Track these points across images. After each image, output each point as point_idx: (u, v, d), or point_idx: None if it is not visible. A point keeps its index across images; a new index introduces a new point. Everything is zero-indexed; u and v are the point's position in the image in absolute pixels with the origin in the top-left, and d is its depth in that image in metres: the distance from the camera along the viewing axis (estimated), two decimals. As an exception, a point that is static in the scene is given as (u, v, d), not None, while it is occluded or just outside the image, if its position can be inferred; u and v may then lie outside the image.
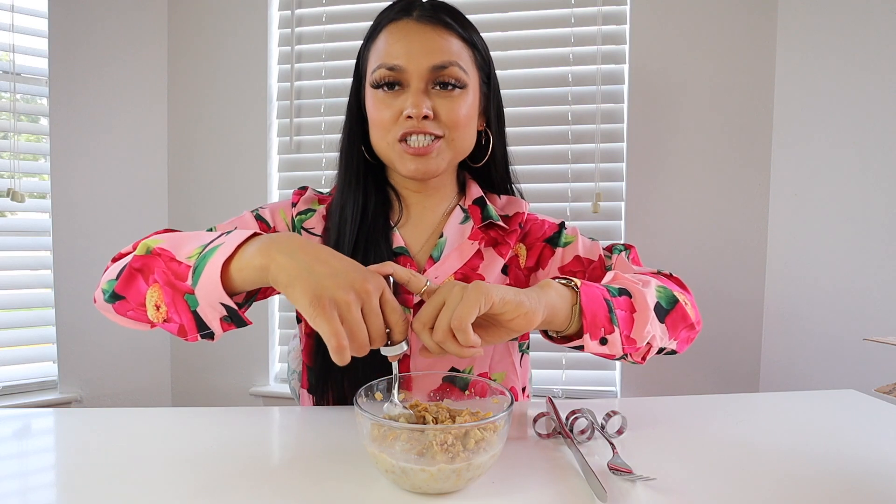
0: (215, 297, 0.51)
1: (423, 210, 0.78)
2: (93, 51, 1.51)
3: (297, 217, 0.77)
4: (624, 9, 1.45)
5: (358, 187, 0.74)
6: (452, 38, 0.69)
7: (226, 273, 0.51)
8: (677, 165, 1.45)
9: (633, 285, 0.63)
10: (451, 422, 0.50)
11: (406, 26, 0.68)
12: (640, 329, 0.59)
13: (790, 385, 1.41)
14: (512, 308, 0.51)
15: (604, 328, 0.56)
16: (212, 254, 0.52)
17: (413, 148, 0.68)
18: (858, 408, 0.67)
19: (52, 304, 1.49)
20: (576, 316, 0.56)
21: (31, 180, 1.51)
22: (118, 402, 1.56)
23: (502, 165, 0.81)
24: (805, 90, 1.38)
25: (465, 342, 0.48)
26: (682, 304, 0.65)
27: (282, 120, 1.61)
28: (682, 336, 0.67)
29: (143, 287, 0.57)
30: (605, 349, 0.57)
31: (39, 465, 0.54)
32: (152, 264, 0.56)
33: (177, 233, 0.61)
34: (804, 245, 1.40)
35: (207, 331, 0.54)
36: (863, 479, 0.47)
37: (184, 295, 0.53)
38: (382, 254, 0.71)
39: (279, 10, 1.59)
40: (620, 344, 0.58)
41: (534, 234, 0.80)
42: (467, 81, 0.70)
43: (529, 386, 0.88)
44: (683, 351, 0.70)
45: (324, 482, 0.47)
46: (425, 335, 0.50)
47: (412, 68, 0.67)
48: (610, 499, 0.43)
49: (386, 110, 0.69)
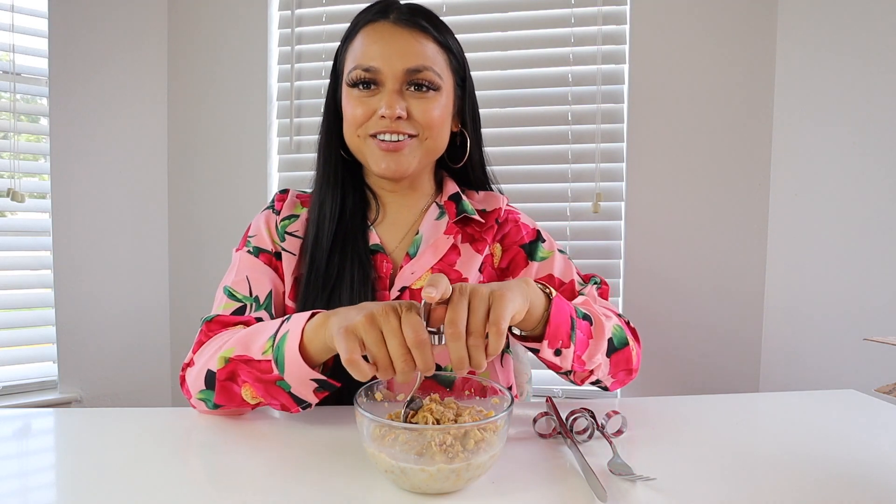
0: (304, 376, 0.56)
1: (400, 208, 0.80)
2: (93, 51, 1.51)
3: (282, 223, 0.78)
4: (624, 9, 1.45)
5: (336, 185, 0.76)
6: (428, 42, 0.71)
7: (304, 355, 0.55)
8: (677, 165, 1.45)
9: (597, 315, 0.66)
10: (454, 422, 0.50)
11: (382, 28, 0.70)
12: (592, 355, 0.63)
13: (790, 385, 1.41)
14: (520, 312, 0.52)
15: (562, 341, 0.58)
16: (284, 342, 0.56)
17: (385, 143, 0.70)
18: (858, 408, 0.67)
19: (52, 304, 1.49)
20: (542, 322, 0.58)
21: (31, 180, 1.51)
22: (118, 402, 1.56)
23: (479, 166, 0.83)
24: (805, 90, 1.38)
25: (496, 349, 0.47)
26: (629, 349, 0.68)
27: (282, 120, 1.61)
28: (620, 377, 0.70)
29: (236, 389, 0.61)
30: (556, 360, 0.59)
31: (39, 465, 0.54)
32: (236, 370, 0.60)
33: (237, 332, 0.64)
34: (804, 245, 1.40)
35: (305, 403, 0.59)
36: (863, 479, 0.47)
37: (275, 382, 0.57)
38: (360, 251, 0.73)
39: (279, 10, 1.59)
40: (571, 360, 0.60)
41: (511, 236, 0.80)
42: (441, 84, 0.71)
43: (516, 388, 0.89)
44: (613, 391, 0.73)
45: (324, 482, 0.47)
46: (458, 343, 0.46)
47: (387, 70, 0.68)
48: (610, 499, 0.43)
49: (360, 107, 0.70)
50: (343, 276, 0.71)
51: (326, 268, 0.72)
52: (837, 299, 1.36)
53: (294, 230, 0.78)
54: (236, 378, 0.60)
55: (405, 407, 0.49)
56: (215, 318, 0.69)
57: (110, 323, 1.56)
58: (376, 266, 0.74)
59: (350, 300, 0.70)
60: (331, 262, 0.72)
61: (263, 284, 0.73)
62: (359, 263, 0.72)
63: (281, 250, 0.76)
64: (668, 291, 1.46)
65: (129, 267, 1.59)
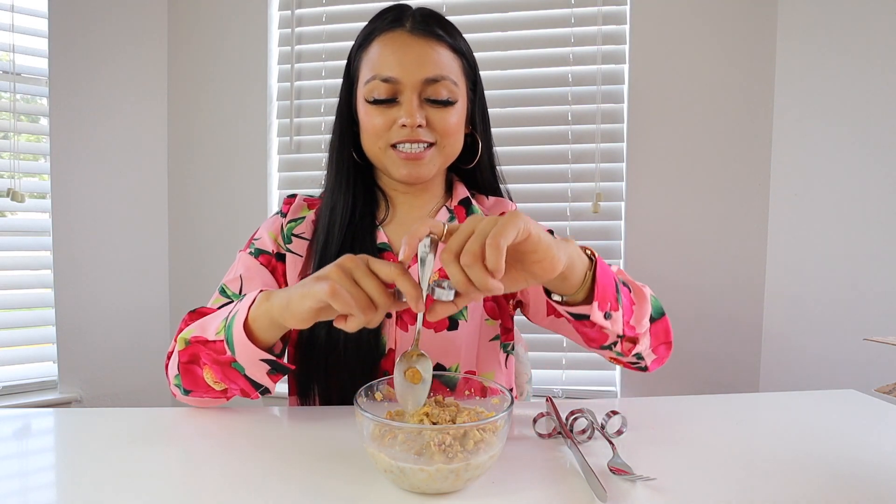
0: (254, 356, 0.57)
1: (410, 209, 0.80)
2: (93, 51, 1.51)
3: (288, 225, 0.79)
4: (624, 9, 1.45)
5: (348, 190, 0.77)
6: (443, 50, 0.72)
7: (250, 333, 0.57)
8: (677, 165, 1.45)
9: (634, 283, 0.65)
10: (452, 422, 0.50)
11: (400, 38, 0.71)
12: (639, 319, 0.61)
13: (790, 385, 1.41)
14: (543, 248, 0.49)
15: (610, 304, 0.57)
16: (233, 323, 0.58)
17: (405, 153, 0.71)
18: (858, 408, 0.67)
19: (52, 304, 1.49)
20: (587, 283, 0.56)
21: (31, 180, 1.51)
22: (118, 402, 1.56)
23: (488, 166, 0.84)
24: (805, 90, 1.38)
25: (495, 263, 0.44)
26: (667, 319, 0.67)
27: (282, 120, 1.61)
28: (660, 352, 0.69)
29: (198, 371, 0.62)
30: (606, 323, 0.57)
31: (39, 465, 0.54)
32: (196, 352, 0.62)
33: (205, 317, 0.66)
34: (804, 245, 1.40)
35: (262, 387, 0.61)
36: (863, 479, 0.47)
37: (230, 364, 0.59)
38: (367, 250, 0.73)
39: (279, 10, 1.59)
40: (621, 325, 0.59)
41: None
42: (458, 95, 0.72)
43: (517, 388, 0.89)
44: (652, 370, 0.71)
45: (324, 482, 0.47)
46: (453, 266, 0.46)
47: (406, 80, 0.69)
48: (610, 499, 0.43)
49: (378, 118, 0.71)
50: None
51: None
52: (837, 299, 1.36)
53: (300, 232, 0.79)
54: (198, 360, 0.62)
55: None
56: (197, 310, 0.70)
57: (110, 323, 1.56)
58: None
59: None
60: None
61: (254, 283, 0.74)
62: None
63: (285, 252, 0.77)
64: (668, 291, 1.46)
65: (129, 267, 1.59)
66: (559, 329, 0.74)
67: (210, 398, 0.65)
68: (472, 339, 0.74)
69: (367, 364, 0.70)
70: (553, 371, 1.52)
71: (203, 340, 0.61)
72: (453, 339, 0.72)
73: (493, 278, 0.45)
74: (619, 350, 0.63)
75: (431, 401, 0.51)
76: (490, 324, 0.76)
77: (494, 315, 0.76)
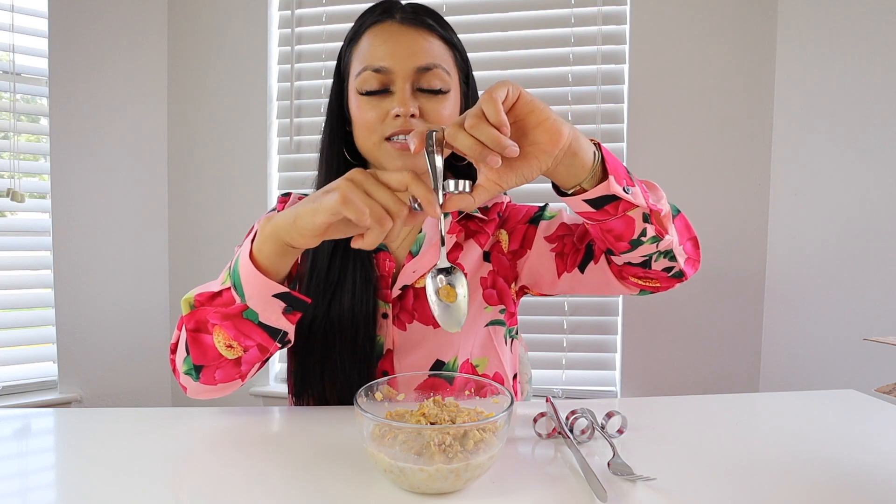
0: (266, 292, 0.55)
1: None
2: (93, 51, 1.51)
3: None
4: (624, 9, 1.45)
5: None
6: (435, 40, 0.71)
7: (258, 265, 0.55)
8: (677, 165, 1.45)
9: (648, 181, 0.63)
10: (451, 422, 0.50)
11: (389, 28, 0.70)
12: (658, 200, 0.59)
13: (790, 385, 1.41)
14: (540, 107, 0.48)
15: (626, 180, 0.55)
16: (237, 264, 0.56)
17: (400, 143, 0.69)
18: (858, 408, 0.67)
19: (52, 304, 1.49)
20: (597, 164, 0.53)
21: (31, 180, 1.51)
22: (118, 402, 1.56)
23: None
24: (805, 90, 1.38)
25: (496, 116, 0.44)
26: (684, 215, 0.67)
27: (282, 120, 1.61)
28: (689, 250, 0.67)
29: (208, 339, 0.59)
30: (628, 196, 0.54)
31: (39, 465, 0.54)
32: (201, 315, 0.59)
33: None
34: (804, 245, 1.40)
35: (280, 333, 0.59)
36: (863, 479, 0.47)
37: (242, 314, 0.56)
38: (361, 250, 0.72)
39: (279, 10, 1.59)
40: (643, 199, 0.56)
41: (513, 218, 0.80)
42: (451, 85, 0.71)
43: (521, 374, 0.88)
44: (689, 276, 0.68)
45: (324, 482, 0.47)
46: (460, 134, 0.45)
47: (398, 69, 0.68)
48: (610, 499, 0.43)
49: (371, 111, 0.69)
50: (345, 276, 0.71)
51: (328, 269, 0.72)
52: (837, 299, 1.36)
53: None
54: (204, 324, 0.59)
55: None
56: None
57: (110, 323, 1.56)
58: (378, 264, 0.74)
59: (351, 300, 0.70)
60: (332, 263, 0.72)
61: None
62: (360, 263, 0.72)
63: None
64: (668, 291, 1.46)
65: (129, 267, 1.59)
66: (576, 285, 0.73)
67: (223, 375, 0.62)
68: (469, 328, 0.74)
69: (365, 365, 0.70)
70: (553, 371, 1.52)
71: (208, 296, 0.58)
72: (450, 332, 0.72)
73: (502, 135, 0.44)
74: (654, 234, 0.59)
75: (431, 401, 0.51)
76: (488, 310, 0.76)
77: (492, 302, 0.76)
